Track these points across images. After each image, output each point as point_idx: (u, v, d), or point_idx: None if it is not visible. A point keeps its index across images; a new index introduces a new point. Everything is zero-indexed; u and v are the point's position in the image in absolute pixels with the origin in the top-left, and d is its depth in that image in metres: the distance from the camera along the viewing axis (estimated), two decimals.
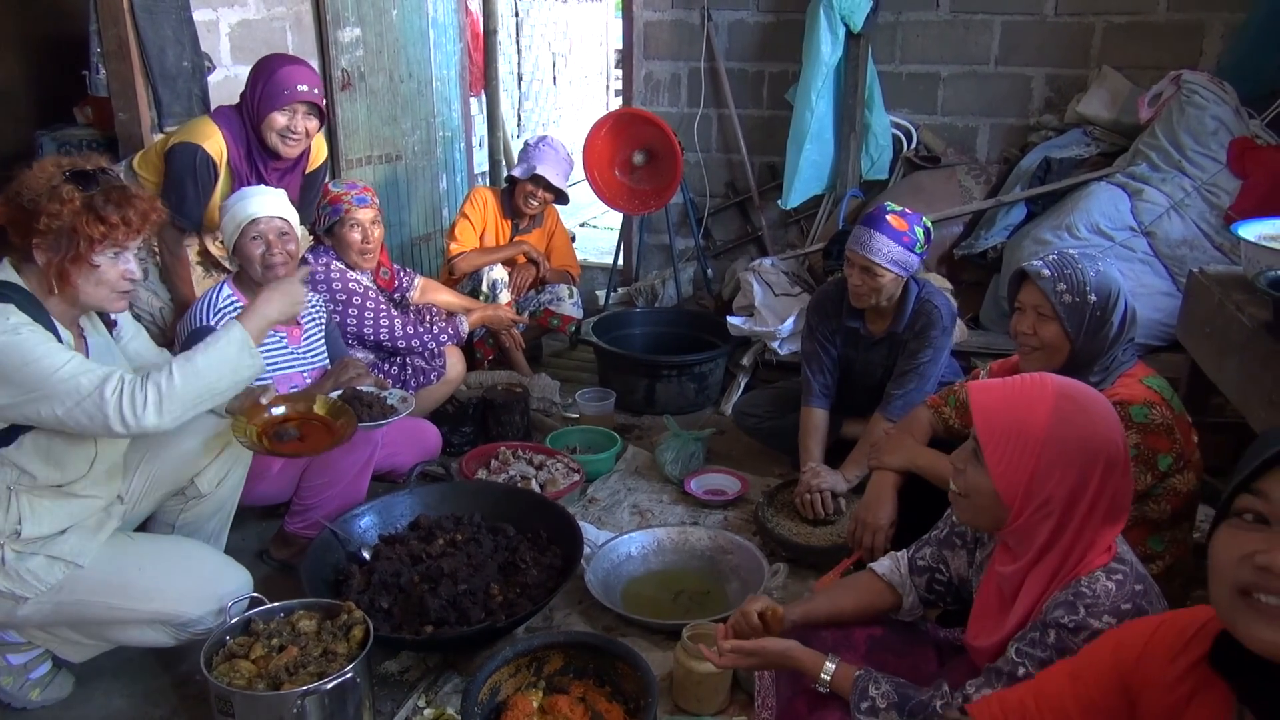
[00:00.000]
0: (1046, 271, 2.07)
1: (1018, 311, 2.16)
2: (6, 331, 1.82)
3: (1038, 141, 4.04)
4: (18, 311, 1.86)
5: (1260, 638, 1.02)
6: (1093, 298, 2.03)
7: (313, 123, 3.04)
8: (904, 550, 1.91)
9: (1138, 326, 2.12)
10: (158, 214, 2.05)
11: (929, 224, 2.80)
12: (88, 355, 2.04)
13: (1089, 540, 1.46)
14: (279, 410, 2.39)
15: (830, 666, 1.64)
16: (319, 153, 3.28)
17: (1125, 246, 3.49)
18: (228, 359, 1.98)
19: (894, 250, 2.69)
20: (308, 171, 3.25)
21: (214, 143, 2.93)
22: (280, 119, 2.96)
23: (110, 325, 2.21)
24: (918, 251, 2.74)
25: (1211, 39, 3.83)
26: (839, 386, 3.04)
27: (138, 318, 2.86)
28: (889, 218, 2.71)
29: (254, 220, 2.64)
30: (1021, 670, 1.44)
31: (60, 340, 1.92)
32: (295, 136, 3.00)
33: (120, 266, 1.98)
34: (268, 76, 2.94)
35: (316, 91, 2.99)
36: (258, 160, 3.03)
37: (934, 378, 2.84)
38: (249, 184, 2.99)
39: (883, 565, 1.90)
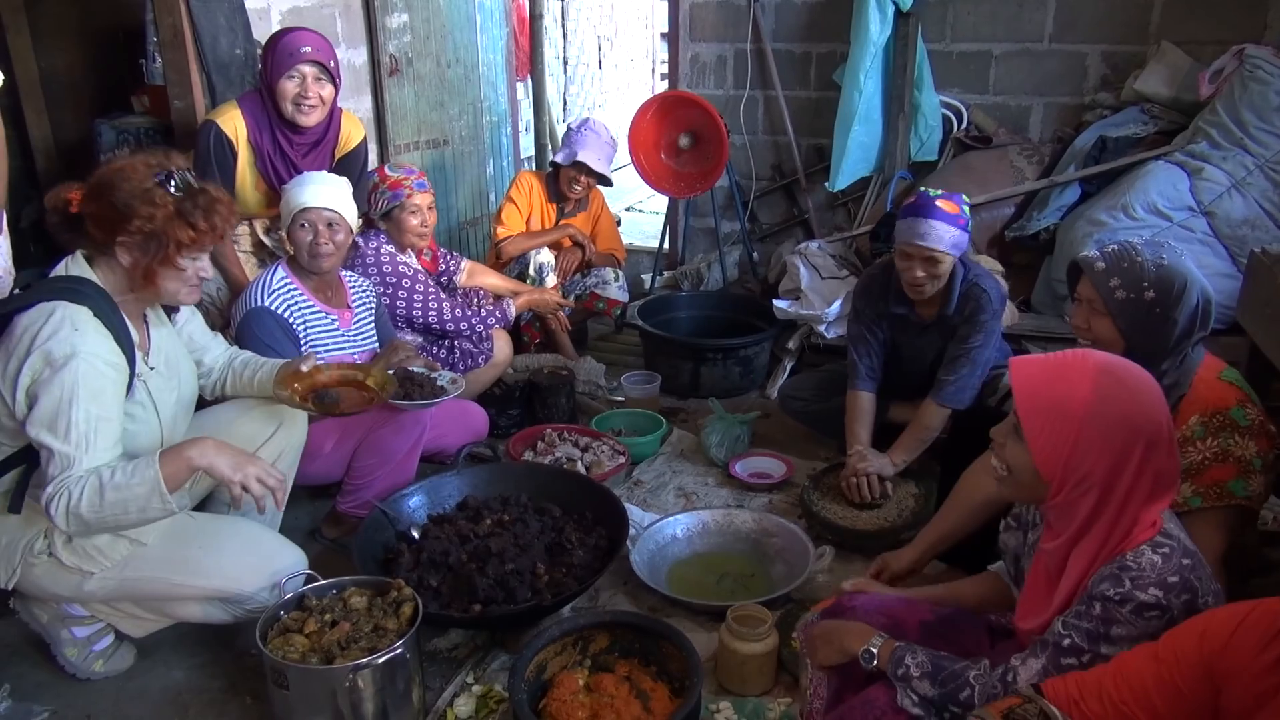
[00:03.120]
0: (1101, 264, 1.93)
1: (1075, 303, 2.04)
2: (91, 358, 1.85)
3: (1093, 120, 3.94)
4: (99, 329, 1.89)
5: None
6: (1150, 294, 1.88)
7: (326, 89, 3.00)
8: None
9: (1213, 320, 1.93)
10: (236, 218, 2.10)
11: (966, 198, 2.75)
12: (149, 348, 2.10)
13: (1132, 517, 1.44)
14: (322, 377, 2.46)
15: (877, 641, 1.64)
16: (352, 135, 3.24)
17: (1184, 227, 3.40)
18: (136, 498, 1.87)
19: (952, 234, 2.65)
20: (342, 155, 3.22)
21: (229, 120, 2.94)
22: (290, 86, 2.93)
23: (170, 311, 2.26)
24: (968, 230, 2.70)
25: (1277, 11, 3.69)
26: (887, 370, 3.00)
27: (197, 303, 2.93)
28: (939, 203, 2.65)
29: (305, 209, 2.69)
30: (1067, 640, 1.44)
31: (132, 338, 1.97)
32: (309, 102, 2.96)
33: (197, 265, 2.04)
34: (272, 48, 2.95)
35: (322, 53, 2.95)
36: (280, 138, 3.02)
37: (985, 362, 2.79)
38: (274, 162, 3.03)
39: (997, 564, 1.89)
